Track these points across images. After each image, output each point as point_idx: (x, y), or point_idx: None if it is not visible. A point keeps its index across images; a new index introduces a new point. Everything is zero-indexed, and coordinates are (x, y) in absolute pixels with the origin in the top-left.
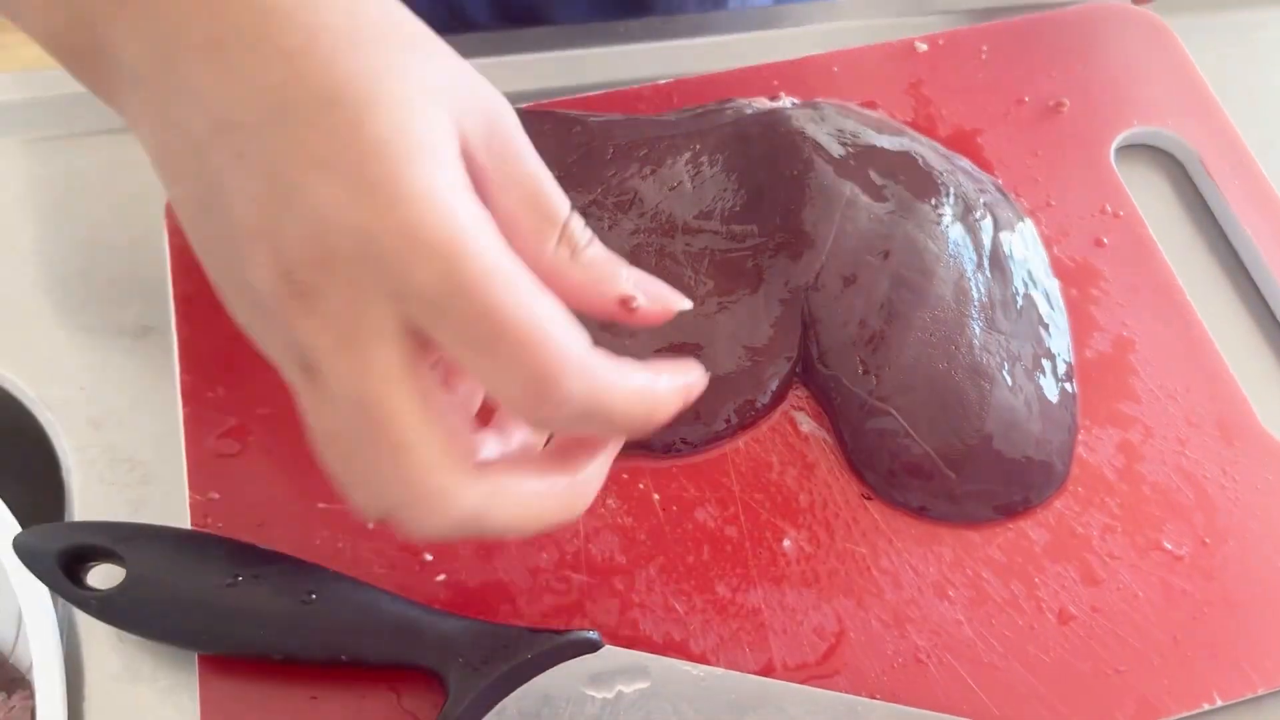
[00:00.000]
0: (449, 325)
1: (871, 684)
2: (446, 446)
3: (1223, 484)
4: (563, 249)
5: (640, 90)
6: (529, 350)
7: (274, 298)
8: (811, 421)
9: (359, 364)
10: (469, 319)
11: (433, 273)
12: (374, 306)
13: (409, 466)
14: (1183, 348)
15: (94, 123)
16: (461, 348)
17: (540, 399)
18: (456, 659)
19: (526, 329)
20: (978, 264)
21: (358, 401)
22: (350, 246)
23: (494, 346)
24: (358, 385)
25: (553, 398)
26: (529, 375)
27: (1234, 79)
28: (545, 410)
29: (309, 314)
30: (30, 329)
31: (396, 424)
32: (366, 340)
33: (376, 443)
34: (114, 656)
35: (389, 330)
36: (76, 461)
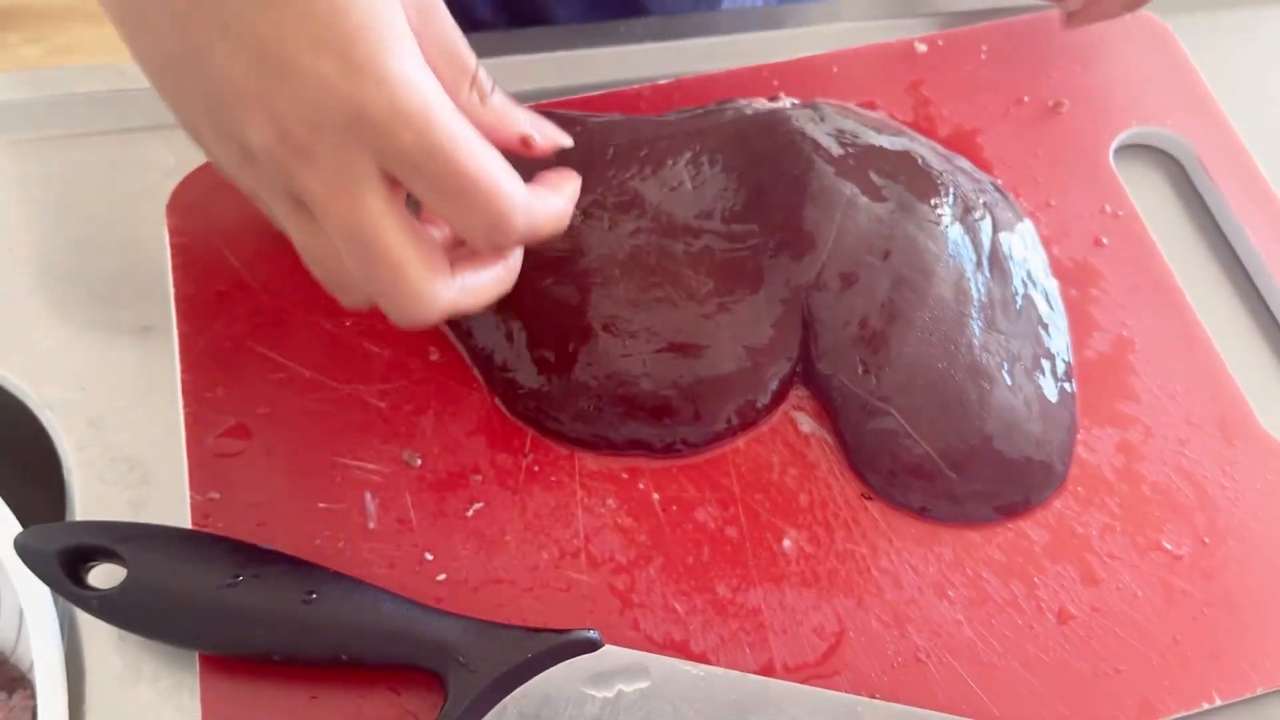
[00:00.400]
0: (424, 180)
1: (871, 684)
2: (430, 263)
3: (1222, 484)
4: (474, 95)
5: (640, 90)
6: (486, 199)
7: (270, 153)
8: (811, 421)
9: (353, 207)
10: (441, 175)
11: (411, 139)
12: (361, 162)
13: (404, 281)
14: (1182, 348)
15: (94, 123)
16: (434, 197)
17: (496, 233)
18: (456, 659)
19: (485, 182)
20: (977, 264)
21: (354, 235)
22: (341, 116)
23: (460, 196)
24: (354, 224)
25: (505, 231)
26: (488, 217)
27: (1233, 79)
28: (499, 239)
29: (304, 168)
30: (31, 329)
31: (392, 250)
32: (357, 188)
33: (375, 267)
34: (115, 656)
35: (373, 178)
36: (77, 461)
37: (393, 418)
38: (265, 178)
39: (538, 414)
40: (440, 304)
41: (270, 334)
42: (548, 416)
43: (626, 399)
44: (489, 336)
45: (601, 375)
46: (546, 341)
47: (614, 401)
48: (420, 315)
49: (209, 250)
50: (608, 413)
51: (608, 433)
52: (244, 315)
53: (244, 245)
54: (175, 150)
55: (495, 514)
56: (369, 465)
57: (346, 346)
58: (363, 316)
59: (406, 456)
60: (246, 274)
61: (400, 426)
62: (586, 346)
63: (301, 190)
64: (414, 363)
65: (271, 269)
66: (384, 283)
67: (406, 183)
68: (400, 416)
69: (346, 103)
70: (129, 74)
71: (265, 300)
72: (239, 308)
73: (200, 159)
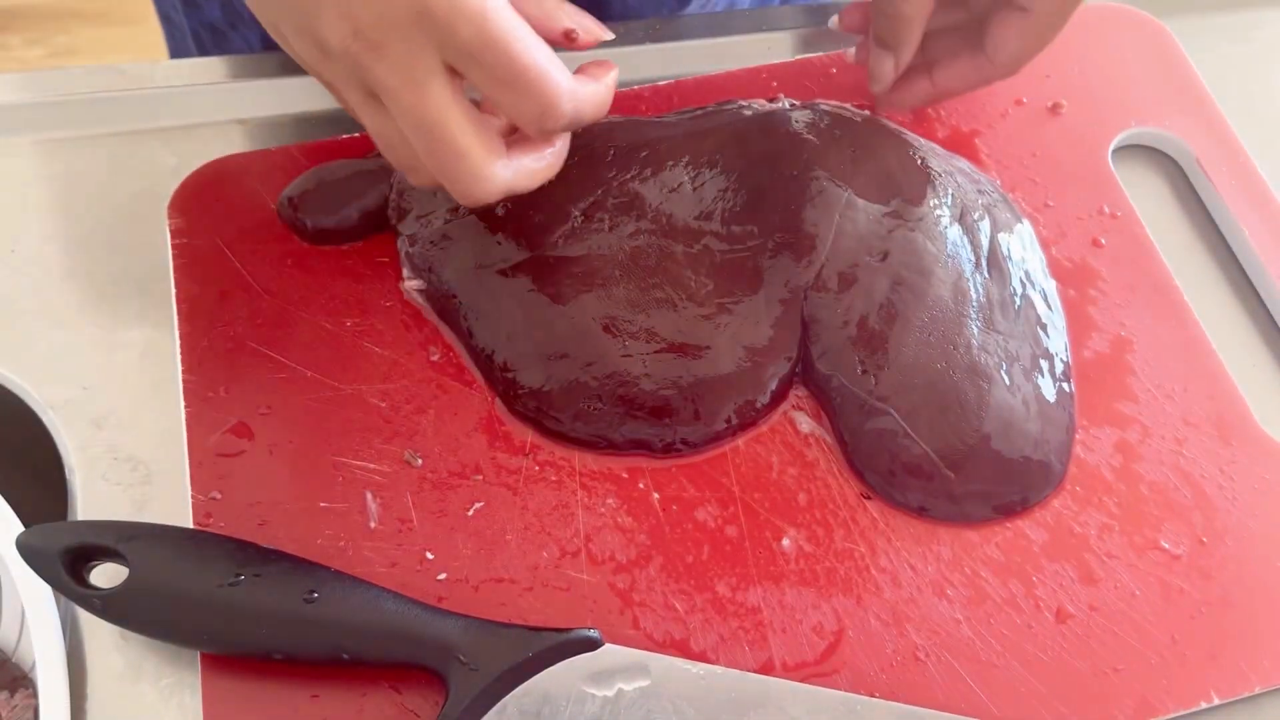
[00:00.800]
0: (482, 69)
1: (870, 682)
2: (489, 147)
3: (1220, 483)
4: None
5: (640, 91)
6: (537, 86)
7: (344, 48)
8: (811, 421)
9: (420, 96)
10: (497, 64)
11: (470, 31)
12: (426, 55)
13: (467, 163)
14: (1180, 348)
15: (95, 124)
16: (490, 85)
17: (546, 118)
18: (457, 657)
19: (535, 71)
20: (976, 264)
21: (421, 122)
22: (407, 13)
23: (514, 84)
24: (421, 111)
25: (554, 116)
26: (538, 103)
27: (1231, 79)
28: (548, 124)
29: (376, 62)
30: (33, 329)
31: (456, 137)
32: (424, 79)
33: (441, 151)
34: (116, 655)
35: (438, 71)
36: (79, 461)
37: (394, 417)
38: (341, 71)
39: (538, 414)
40: (498, 184)
41: (271, 334)
42: (548, 416)
43: (626, 399)
44: (489, 336)
45: (602, 375)
46: (547, 341)
47: (614, 401)
48: (480, 193)
49: (210, 251)
50: (608, 412)
51: (608, 432)
52: (245, 315)
53: (245, 245)
54: (176, 151)
55: (496, 513)
56: (370, 465)
57: (348, 346)
58: (363, 317)
59: (407, 456)
60: (248, 274)
61: (401, 426)
62: (587, 346)
63: (374, 82)
64: (415, 363)
65: (272, 269)
66: (448, 165)
67: (465, 73)
68: (401, 416)
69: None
70: (130, 75)
71: (266, 300)
72: (240, 308)
73: (201, 160)
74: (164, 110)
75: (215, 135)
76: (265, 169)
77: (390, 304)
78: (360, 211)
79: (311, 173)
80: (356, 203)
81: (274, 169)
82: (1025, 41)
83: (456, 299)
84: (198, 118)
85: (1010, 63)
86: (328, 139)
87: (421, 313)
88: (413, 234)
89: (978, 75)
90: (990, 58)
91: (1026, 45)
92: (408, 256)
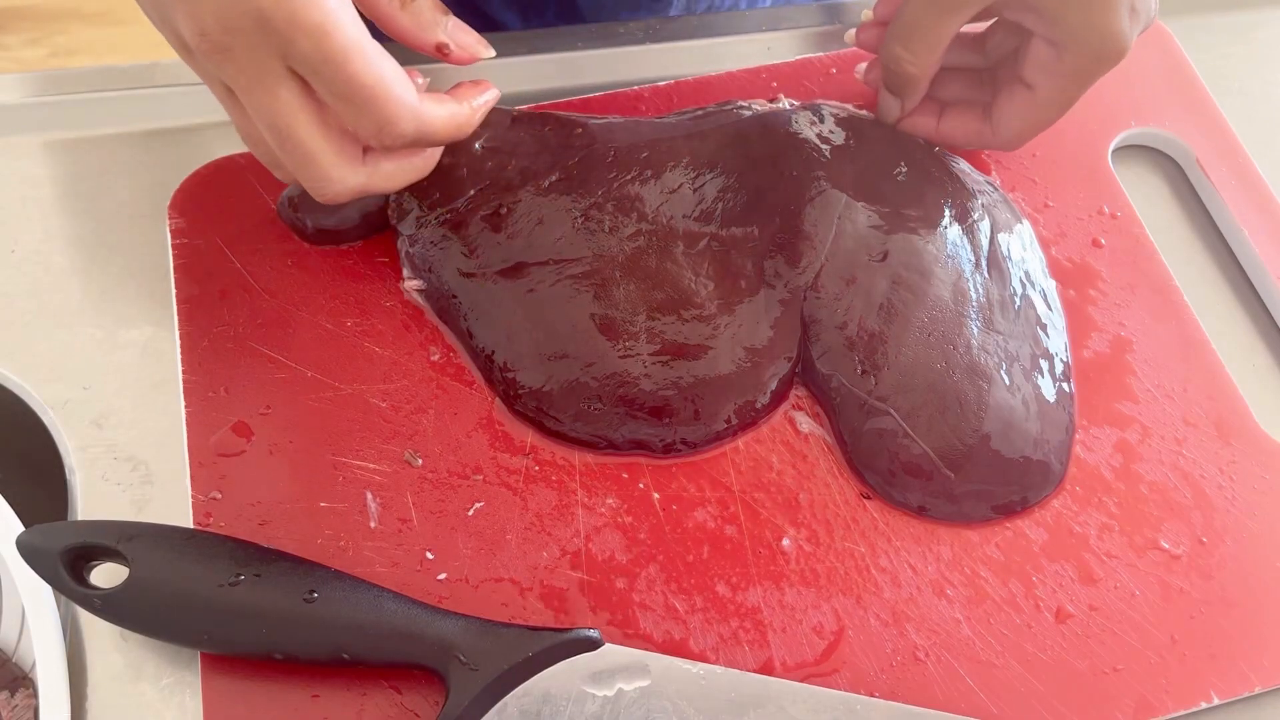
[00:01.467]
0: (322, 82)
1: (870, 682)
2: (339, 150)
3: (1220, 483)
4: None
5: (640, 91)
6: (375, 103)
7: (197, 47)
8: (811, 421)
9: (268, 100)
10: (335, 79)
11: (308, 45)
12: (271, 60)
13: (315, 165)
14: (1180, 347)
15: (95, 124)
16: (331, 97)
17: (385, 134)
18: (457, 657)
19: (373, 88)
20: (975, 265)
21: (271, 124)
22: (249, 21)
23: (352, 99)
24: (270, 114)
25: (393, 133)
26: (376, 119)
27: (1230, 80)
28: (388, 140)
29: (224, 63)
30: (33, 329)
31: (303, 139)
32: (271, 83)
33: (291, 151)
34: (117, 655)
35: (284, 75)
36: (79, 461)
37: (394, 417)
38: (199, 67)
39: (538, 414)
40: (350, 185)
41: (272, 334)
42: (548, 416)
43: (627, 399)
44: (489, 336)
45: (602, 375)
46: (547, 342)
47: (614, 401)
48: (332, 194)
49: (211, 251)
50: (608, 413)
51: (608, 433)
52: (245, 315)
53: (245, 245)
54: (176, 151)
55: (496, 513)
56: (370, 465)
57: (348, 346)
58: (364, 317)
59: (408, 456)
60: (248, 274)
61: (401, 426)
62: (587, 347)
63: (227, 81)
64: (415, 363)
65: (273, 269)
66: (299, 165)
67: (310, 82)
68: (401, 416)
69: (253, 9)
70: (130, 75)
71: (267, 300)
72: (240, 308)
73: (201, 160)
74: (164, 110)
75: (215, 135)
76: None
77: (390, 304)
78: (360, 211)
79: None
80: (356, 203)
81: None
82: (1027, 121)
83: (456, 299)
84: (198, 118)
85: (1012, 139)
86: None
87: (421, 313)
88: (413, 234)
89: (979, 140)
90: (994, 129)
91: (1028, 124)
92: (408, 256)
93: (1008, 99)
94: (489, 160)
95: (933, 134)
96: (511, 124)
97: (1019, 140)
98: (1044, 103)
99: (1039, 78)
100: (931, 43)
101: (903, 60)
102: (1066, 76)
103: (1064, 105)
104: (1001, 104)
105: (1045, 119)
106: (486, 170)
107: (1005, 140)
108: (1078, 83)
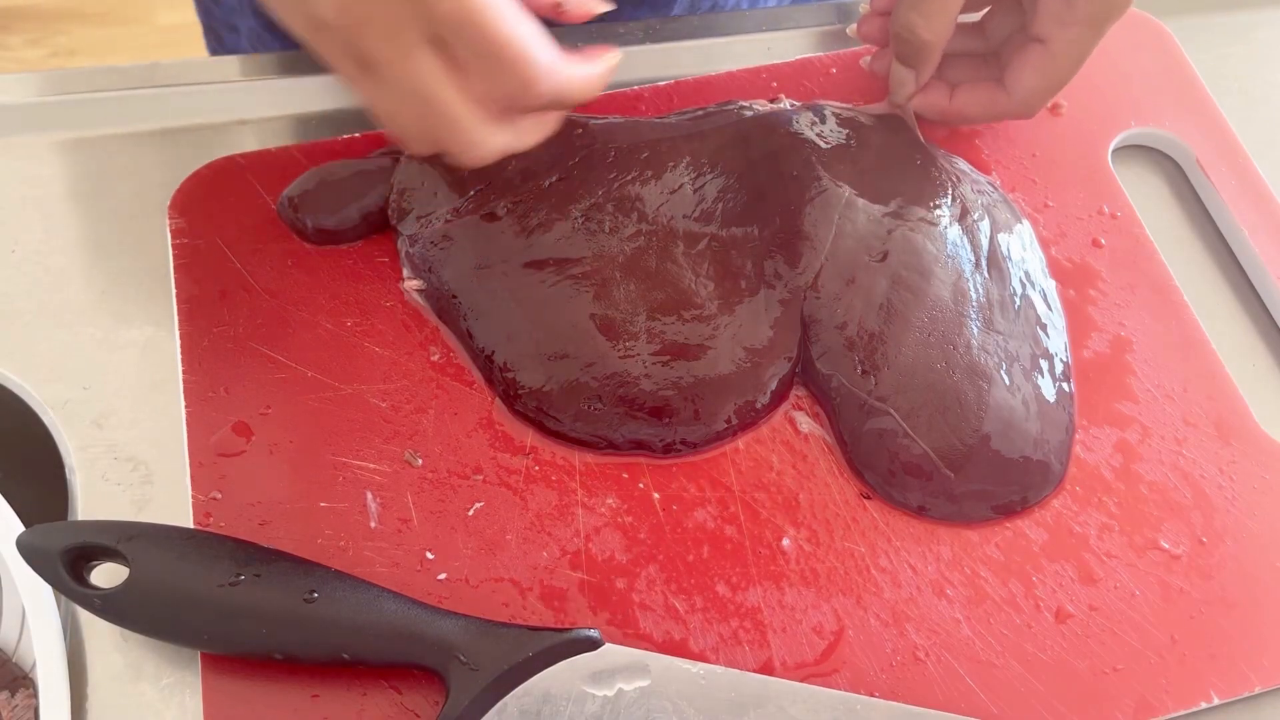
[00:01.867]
0: (464, 43)
1: (870, 682)
2: (481, 114)
3: (1220, 483)
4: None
5: (640, 91)
6: (518, 63)
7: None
8: (811, 421)
9: (409, 68)
10: (479, 40)
11: (452, 7)
12: (412, 27)
13: (462, 129)
14: (1180, 348)
15: (95, 125)
16: (470, 59)
17: (527, 94)
18: (457, 657)
19: (515, 48)
20: (975, 264)
21: (415, 93)
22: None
23: (491, 59)
24: (414, 82)
25: (534, 93)
26: (520, 79)
27: (1230, 80)
28: (529, 100)
29: (365, 35)
30: (33, 329)
31: (449, 105)
32: (412, 50)
33: (437, 118)
34: (117, 655)
35: (425, 42)
36: (79, 461)
37: (394, 417)
38: (334, 44)
39: (538, 414)
40: (495, 146)
41: (272, 334)
42: (548, 416)
43: (627, 399)
44: (489, 336)
45: (602, 375)
46: (547, 341)
47: (614, 402)
48: (479, 155)
49: (211, 251)
50: (608, 413)
51: (608, 433)
52: (246, 315)
53: (245, 245)
54: (176, 151)
55: (496, 513)
56: (370, 465)
57: (348, 346)
58: (364, 317)
59: (408, 456)
60: (248, 274)
61: (401, 426)
62: (587, 347)
63: (365, 54)
64: (415, 363)
65: (273, 269)
66: (442, 133)
67: (451, 45)
68: (401, 416)
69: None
70: (130, 76)
71: (267, 300)
72: (241, 308)
73: (201, 160)
74: (164, 110)
75: (215, 135)
76: (265, 169)
77: (390, 304)
78: (360, 211)
79: (311, 173)
80: (356, 203)
81: (274, 169)
82: (1044, 77)
83: (456, 299)
84: (198, 118)
85: (1028, 97)
86: (328, 139)
87: (421, 313)
88: (413, 234)
89: (995, 107)
90: (1009, 92)
91: (1045, 80)
92: (408, 256)
93: (1021, 60)
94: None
95: (946, 109)
96: None
97: (1036, 100)
98: (1059, 55)
99: (1053, 29)
100: (945, 4)
101: (917, 26)
102: (1080, 24)
103: (1078, 58)
104: (1015, 66)
105: (1061, 74)
106: (487, 170)
107: (1022, 101)
108: (1092, 30)
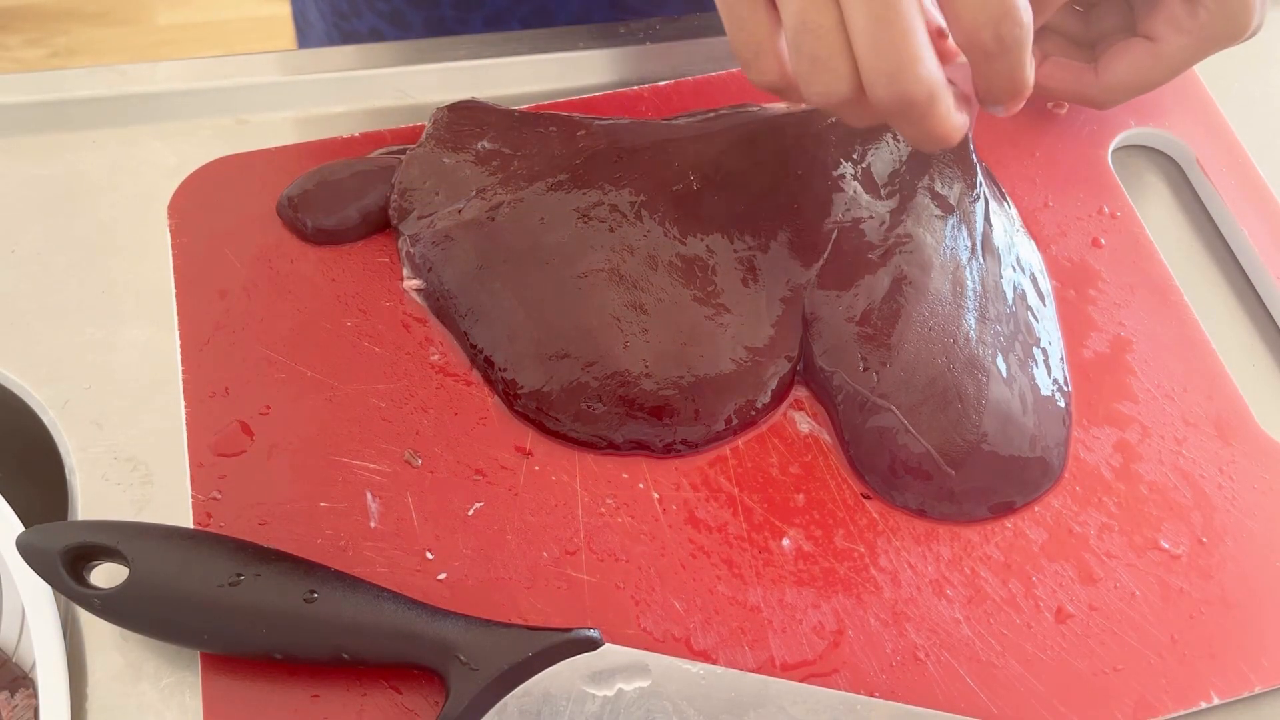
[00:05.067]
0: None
1: (870, 682)
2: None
3: (1220, 483)
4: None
5: (640, 91)
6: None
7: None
8: (811, 421)
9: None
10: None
11: None
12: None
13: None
14: (1180, 348)
15: (95, 125)
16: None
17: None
18: (457, 657)
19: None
20: (972, 251)
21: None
22: None
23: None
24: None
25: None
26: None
27: (1231, 80)
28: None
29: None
30: (33, 329)
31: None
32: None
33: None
34: (117, 655)
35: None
36: (79, 461)
37: (394, 417)
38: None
39: (538, 414)
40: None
41: (272, 334)
42: (548, 416)
43: (627, 399)
44: (489, 336)
45: (602, 375)
46: (547, 342)
47: (614, 401)
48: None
49: (210, 250)
50: (608, 413)
51: (608, 433)
52: (245, 315)
53: (245, 245)
54: (176, 151)
55: (496, 513)
56: (370, 465)
57: (348, 346)
58: (364, 317)
59: (408, 456)
60: (248, 274)
61: (401, 426)
62: (587, 347)
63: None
64: (415, 363)
65: (273, 269)
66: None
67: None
68: (401, 416)
69: None
70: (130, 75)
71: (267, 300)
72: (240, 308)
73: (201, 160)
74: (164, 110)
75: (215, 135)
76: (265, 169)
77: (390, 304)
78: (360, 211)
79: (311, 173)
80: (356, 203)
81: (274, 169)
82: (1139, 72)
83: (456, 299)
84: (198, 118)
85: (1115, 86)
86: (328, 139)
87: (422, 313)
88: (413, 234)
89: (1078, 85)
90: (1099, 77)
91: (1139, 75)
92: (408, 256)
93: (1122, 49)
94: (492, 160)
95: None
96: (514, 124)
97: (1121, 93)
98: (1163, 57)
99: (1166, 31)
100: None
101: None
102: (1195, 34)
103: (1179, 66)
104: (1115, 54)
105: (1157, 76)
106: (489, 170)
107: (1108, 88)
108: (1203, 44)
